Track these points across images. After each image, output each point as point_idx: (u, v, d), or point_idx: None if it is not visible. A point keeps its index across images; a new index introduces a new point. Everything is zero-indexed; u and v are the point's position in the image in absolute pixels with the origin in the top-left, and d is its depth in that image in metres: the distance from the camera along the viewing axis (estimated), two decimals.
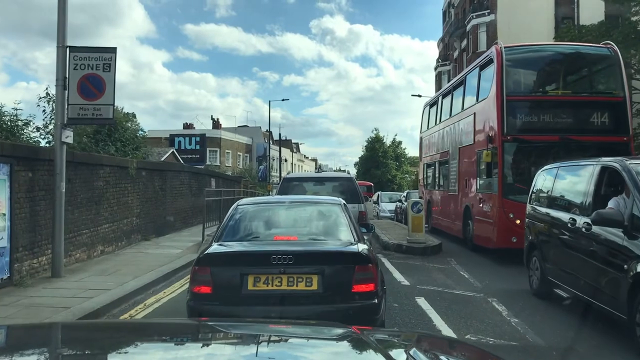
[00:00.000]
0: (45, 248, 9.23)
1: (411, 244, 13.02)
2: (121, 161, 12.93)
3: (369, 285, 4.80)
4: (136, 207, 13.63)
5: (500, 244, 11.15)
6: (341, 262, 4.98)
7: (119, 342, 2.15)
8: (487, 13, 36.84)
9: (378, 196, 32.17)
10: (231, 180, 26.98)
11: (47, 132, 12.72)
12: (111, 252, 12.04)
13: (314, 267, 4.82)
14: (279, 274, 4.75)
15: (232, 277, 4.83)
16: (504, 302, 7.53)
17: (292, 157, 76.61)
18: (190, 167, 20.32)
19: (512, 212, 10.82)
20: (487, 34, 36.51)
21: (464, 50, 41.95)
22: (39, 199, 9.04)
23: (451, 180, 14.99)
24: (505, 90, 11.01)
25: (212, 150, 60.57)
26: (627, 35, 19.69)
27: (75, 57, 9.14)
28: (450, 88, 15.90)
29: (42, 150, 9.74)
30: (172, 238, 15.00)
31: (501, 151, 10.98)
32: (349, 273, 4.78)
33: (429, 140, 18.40)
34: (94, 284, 8.56)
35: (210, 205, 16.45)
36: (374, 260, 5.07)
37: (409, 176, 68.30)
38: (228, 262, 5.09)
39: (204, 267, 4.95)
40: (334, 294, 4.74)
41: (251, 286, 4.76)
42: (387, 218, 26.06)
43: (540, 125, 11.09)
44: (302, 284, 4.75)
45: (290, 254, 4.75)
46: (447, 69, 47.53)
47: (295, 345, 2.17)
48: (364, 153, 66.95)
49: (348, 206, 6.18)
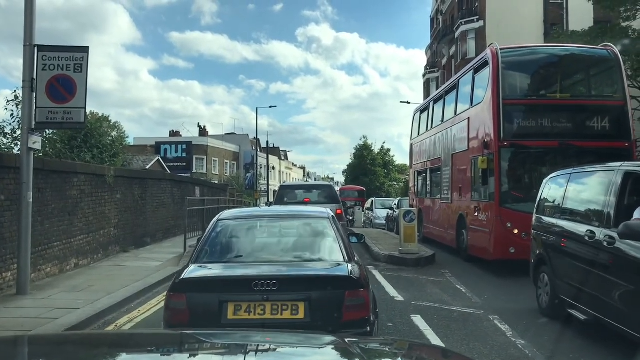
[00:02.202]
0: (10, 263, 8.55)
1: (403, 255, 12.43)
2: (97, 169, 12.25)
3: (361, 313, 4.35)
4: (114, 217, 12.94)
5: (497, 255, 10.59)
6: (330, 287, 4.47)
7: (104, 354, 2.14)
8: (476, 19, 36.59)
9: (372, 202, 31.27)
10: (217, 188, 26.28)
11: (15, 138, 12.01)
12: (86, 265, 11.34)
13: (300, 293, 4.32)
14: (262, 301, 4.26)
15: (211, 305, 4.32)
16: (507, 321, 6.96)
17: (280, 164, 75.96)
18: (173, 175, 19.63)
19: (509, 221, 10.27)
20: (476, 40, 36.24)
21: (452, 57, 41.69)
22: (3, 209, 8.37)
23: (444, 188, 14.45)
24: (501, 94, 10.49)
25: (199, 158, 59.86)
26: (618, 41, 19.42)
27: (44, 57, 8.48)
28: (442, 93, 15.37)
29: (6, 157, 9.04)
30: (152, 250, 14.30)
31: (498, 157, 10.44)
32: (339, 299, 4.31)
33: (419, 147, 17.87)
34: (62, 302, 7.88)
35: (194, 215, 15.77)
36: (366, 283, 4.60)
37: (397, 184, 68.05)
38: (205, 288, 4.57)
39: (179, 293, 4.46)
40: (323, 324, 4.18)
41: (231, 315, 4.27)
42: (382, 226, 25.42)
43: (539, 130, 10.57)
44: (287, 312, 4.27)
45: (274, 279, 4.29)
46: (436, 75, 47.27)
47: (282, 354, 2.20)
48: (352, 160, 66.63)
49: (328, 206, 5.97)
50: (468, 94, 12.47)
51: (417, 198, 18.43)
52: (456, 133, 13.23)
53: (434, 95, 17.78)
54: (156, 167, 42.46)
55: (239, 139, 66.42)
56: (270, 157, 60.04)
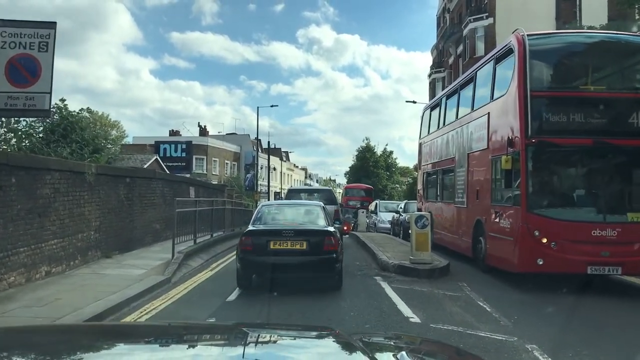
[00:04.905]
0: None
1: (415, 264, 11.20)
2: (75, 165, 11.02)
3: (333, 247, 8.85)
4: (95, 219, 11.73)
5: (522, 268, 9.33)
6: (318, 235, 9.01)
7: (103, 345, 2.13)
8: (485, 17, 35.37)
9: (376, 205, 28.92)
10: (213, 189, 25.02)
11: None
12: (60, 273, 10.14)
13: (304, 237, 8.87)
14: (286, 240, 8.78)
15: (262, 242, 8.83)
16: (548, 352, 5.73)
17: (282, 165, 74.71)
18: (164, 174, 18.41)
19: (538, 228, 9.02)
20: (485, 38, 35.00)
21: (459, 56, 40.47)
22: None
23: (458, 191, 13.21)
24: (529, 85, 9.26)
25: (199, 158, 58.80)
26: None
27: (4, 33, 7.29)
28: (457, 87, 14.09)
29: None
30: (138, 255, 13.08)
31: (524, 156, 9.18)
32: (322, 240, 8.86)
33: (430, 146, 16.60)
34: (18, 320, 6.67)
35: (188, 218, 14.47)
36: (336, 235, 9.23)
37: (399, 186, 66.80)
38: (260, 234, 9.05)
39: (247, 237, 9.04)
40: (314, 251, 8.75)
41: (272, 246, 8.76)
42: (387, 230, 24.09)
43: (571, 126, 9.28)
44: (297, 245, 8.76)
45: (292, 231, 8.89)
46: (442, 75, 46.03)
47: (282, 346, 2.20)
48: (355, 162, 65.31)
49: (327, 207, 11.21)
50: (488, 86, 11.23)
51: (425, 201, 17.17)
52: (473, 130, 12.00)
53: (446, 90, 16.48)
54: (154, 167, 41.25)
55: (240, 139, 65.26)
56: (272, 158, 58.77)
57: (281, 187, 71.17)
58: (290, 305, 8.09)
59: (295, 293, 8.97)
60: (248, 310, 8.08)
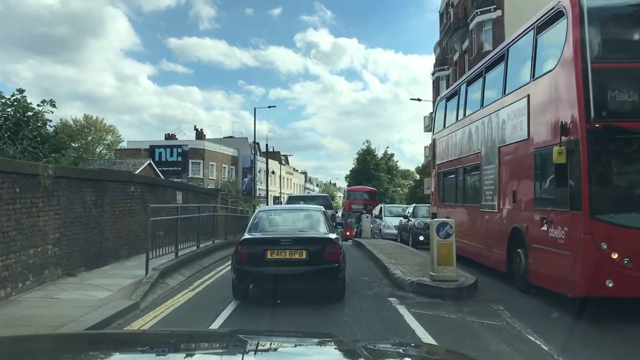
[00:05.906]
0: None
1: (438, 282, 9.19)
2: (25, 166, 9.01)
3: (335, 255, 8.47)
4: (53, 230, 9.73)
5: (584, 291, 7.20)
6: (319, 243, 8.59)
7: (103, 353, 2.12)
8: (493, 9, 33.44)
9: (381, 209, 26.42)
10: (205, 194, 22.95)
11: None
12: (3, 298, 8.16)
13: (304, 245, 8.42)
14: (284, 249, 8.33)
15: (258, 251, 8.41)
16: None
17: (281, 169, 72.66)
18: (144, 177, 16.39)
19: (605, 240, 6.94)
20: (493, 31, 33.07)
21: (465, 51, 38.54)
22: None
23: (486, 192, 11.17)
24: (589, 55, 7.25)
25: (195, 162, 56.97)
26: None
27: None
28: (482, 70, 11.95)
29: None
30: (108, 272, 11.06)
31: (585, 146, 7.11)
32: (323, 249, 8.44)
33: (446, 142, 14.54)
34: None
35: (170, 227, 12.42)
36: (338, 242, 8.92)
37: (401, 189, 64.94)
38: (256, 242, 8.68)
39: (243, 245, 8.58)
40: (314, 260, 8.31)
41: (269, 256, 8.34)
42: (393, 236, 21.96)
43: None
44: (296, 255, 8.33)
45: (290, 239, 8.46)
46: (446, 73, 44.04)
47: (282, 353, 2.16)
48: (355, 165, 63.48)
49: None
50: (526, 63, 9.21)
51: (441, 205, 15.11)
52: (506, 118, 9.96)
53: (466, 75, 14.33)
54: (148, 171, 39.33)
55: (238, 143, 63.39)
56: (270, 162, 56.64)
57: (280, 191, 69.18)
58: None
59: (295, 315, 7.78)
60: None
